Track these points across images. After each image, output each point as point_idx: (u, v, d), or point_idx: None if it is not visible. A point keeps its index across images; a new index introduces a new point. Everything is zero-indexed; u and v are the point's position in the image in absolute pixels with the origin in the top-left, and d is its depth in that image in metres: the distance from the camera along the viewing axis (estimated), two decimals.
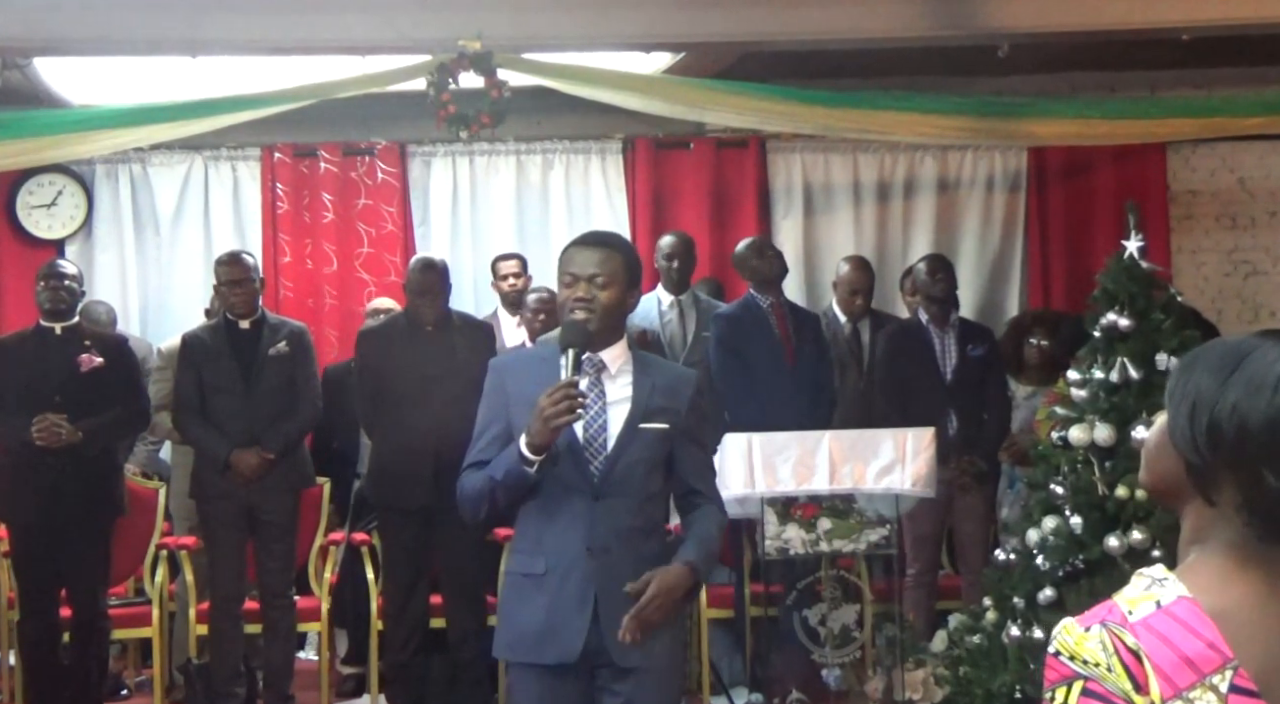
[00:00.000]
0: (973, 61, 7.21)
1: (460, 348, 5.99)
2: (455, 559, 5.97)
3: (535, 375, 3.30)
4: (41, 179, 7.77)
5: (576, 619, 3.22)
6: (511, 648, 3.33)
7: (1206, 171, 8.34)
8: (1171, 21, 6.52)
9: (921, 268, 6.51)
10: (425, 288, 6.02)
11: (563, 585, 3.24)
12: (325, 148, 7.88)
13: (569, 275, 3.31)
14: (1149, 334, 4.38)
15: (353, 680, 6.65)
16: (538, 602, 3.25)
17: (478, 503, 3.29)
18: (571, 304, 3.28)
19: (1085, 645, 1.46)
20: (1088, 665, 1.45)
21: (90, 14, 6.28)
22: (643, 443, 3.29)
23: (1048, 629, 4.24)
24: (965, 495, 6.19)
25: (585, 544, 3.24)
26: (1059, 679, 1.47)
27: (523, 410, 3.24)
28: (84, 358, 5.81)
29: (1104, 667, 1.44)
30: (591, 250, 3.34)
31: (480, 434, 3.35)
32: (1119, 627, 1.45)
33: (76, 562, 5.78)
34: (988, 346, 6.41)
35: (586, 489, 3.25)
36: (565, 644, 3.22)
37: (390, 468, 5.97)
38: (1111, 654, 1.44)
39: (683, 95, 6.97)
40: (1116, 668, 1.44)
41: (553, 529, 3.26)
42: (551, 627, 3.23)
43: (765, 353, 6.33)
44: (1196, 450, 1.50)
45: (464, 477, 3.33)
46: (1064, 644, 1.48)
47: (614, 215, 7.93)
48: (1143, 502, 4.24)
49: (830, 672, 5.73)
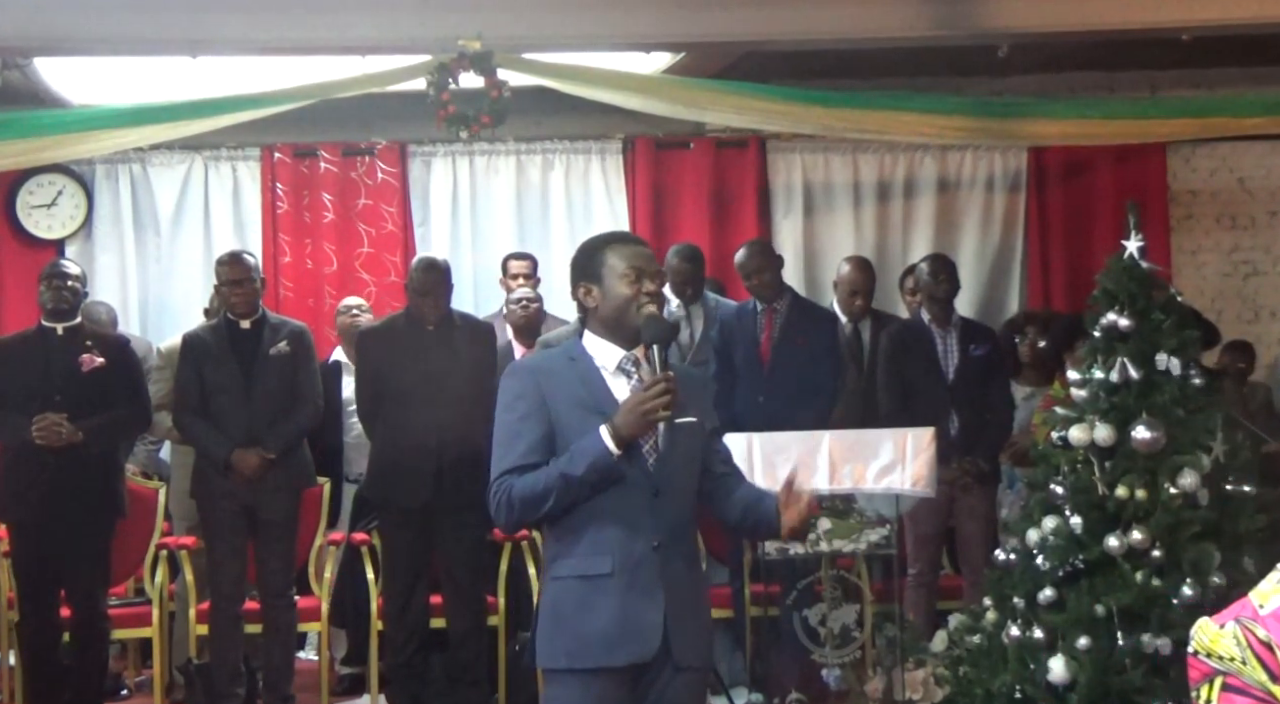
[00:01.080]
0: (973, 61, 7.22)
1: (462, 348, 5.99)
2: (454, 559, 5.97)
3: (574, 375, 3.29)
4: (41, 179, 7.78)
5: (651, 617, 3.19)
6: (574, 654, 3.20)
7: (1206, 171, 8.34)
8: (1171, 21, 6.52)
9: (924, 268, 6.51)
10: (428, 288, 6.02)
11: (632, 584, 3.19)
12: (325, 148, 7.89)
13: (634, 270, 3.28)
14: (1149, 334, 4.37)
15: (352, 680, 6.65)
16: (606, 603, 3.18)
17: (539, 502, 3.19)
18: (643, 299, 3.26)
19: (1221, 642, 1.48)
20: (1224, 661, 1.47)
21: (90, 14, 6.28)
22: (685, 437, 3.30)
23: (1048, 629, 4.25)
24: (967, 495, 6.19)
25: (651, 541, 3.21)
26: (1201, 677, 1.48)
27: (572, 412, 3.22)
28: (85, 358, 5.81)
29: (1239, 660, 1.45)
30: (645, 248, 3.38)
31: (514, 438, 3.24)
32: (1251, 621, 1.47)
33: (76, 562, 5.78)
34: (989, 347, 6.40)
35: (647, 485, 3.23)
36: (642, 643, 3.18)
37: (391, 467, 5.96)
38: (1245, 648, 1.45)
39: (683, 95, 6.97)
40: (1251, 661, 1.45)
41: (616, 528, 3.20)
42: (625, 627, 3.18)
43: (743, 358, 6.36)
44: None
45: (509, 480, 3.22)
46: (1201, 642, 1.50)
47: (614, 215, 7.93)
48: (1143, 502, 4.24)
49: (830, 672, 5.73)
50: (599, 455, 3.14)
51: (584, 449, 3.16)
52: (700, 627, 3.36)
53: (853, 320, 6.87)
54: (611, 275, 3.29)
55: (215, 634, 5.97)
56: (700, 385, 3.47)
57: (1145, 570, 4.15)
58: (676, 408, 3.21)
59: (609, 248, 3.34)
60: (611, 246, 3.34)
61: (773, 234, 7.92)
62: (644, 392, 3.14)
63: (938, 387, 6.26)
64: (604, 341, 3.32)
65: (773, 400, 6.21)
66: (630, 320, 3.28)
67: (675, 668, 3.22)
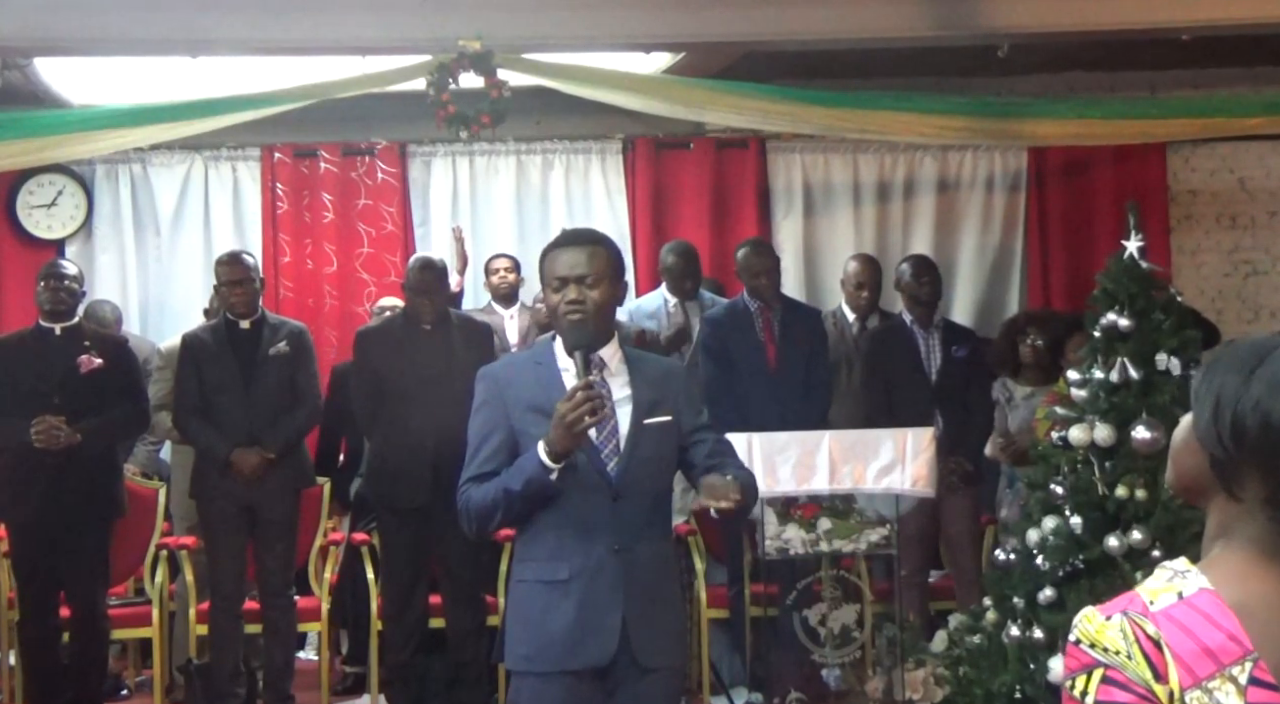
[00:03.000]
0: (973, 61, 7.22)
1: (459, 347, 5.99)
2: (454, 559, 5.97)
3: (534, 379, 3.30)
4: (41, 179, 7.77)
5: (608, 621, 3.20)
6: (532, 658, 3.24)
7: (1206, 171, 8.34)
8: (1171, 21, 6.52)
9: (906, 269, 6.51)
10: (424, 287, 6.02)
11: (590, 589, 3.20)
12: (325, 148, 7.88)
13: (556, 279, 3.28)
14: (1149, 334, 4.38)
15: (352, 680, 6.65)
16: (563, 608, 3.21)
17: (490, 515, 3.24)
18: (564, 308, 3.26)
19: (1106, 634, 1.47)
20: (1108, 654, 1.46)
21: (90, 14, 6.28)
22: (652, 439, 3.28)
23: (1048, 629, 4.25)
24: (952, 496, 6.19)
25: (610, 546, 3.21)
26: (1080, 667, 1.48)
27: (527, 417, 3.23)
28: (84, 359, 5.81)
29: (1124, 654, 1.45)
30: (575, 250, 3.31)
31: (479, 445, 3.29)
32: (1140, 616, 1.46)
33: (75, 562, 5.78)
34: (971, 348, 6.42)
35: (605, 490, 3.23)
36: (599, 647, 3.20)
37: (389, 467, 5.96)
38: (1132, 642, 1.45)
39: (683, 95, 6.97)
40: (1137, 656, 1.45)
41: (573, 533, 3.22)
42: (582, 631, 3.20)
43: (746, 356, 6.35)
44: (1221, 446, 1.52)
45: (469, 490, 3.27)
46: (1085, 632, 1.49)
47: (614, 215, 7.93)
48: (1142, 501, 4.24)
49: (830, 672, 5.73)
50: (534, 471, 3.15)
51: (522, 464, 3.19)
52: (667, 627, 3.34)
53: (860, 317, 6.87)
54: (546, 283, 3.33)
55: (215, 634, 5.97)
56: (675, 379, 3.42)
57: (1145, 570, 4.15)
58: (644, 407, 3.22)
59: (549, 254, 3.35)
60: (551, 253, 3.35)
61: (773, 234, 7.92)
62: (565, 403, 3.11)
63: (921, 387, 6.27)
64: (561, 345, 3.34)
65: (781, 401, 6.21)
66: (560, 327, 3.31)
67: (641, 669, 3.23)
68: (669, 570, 3.42)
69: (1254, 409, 1.49)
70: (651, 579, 3.27)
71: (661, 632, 3.30)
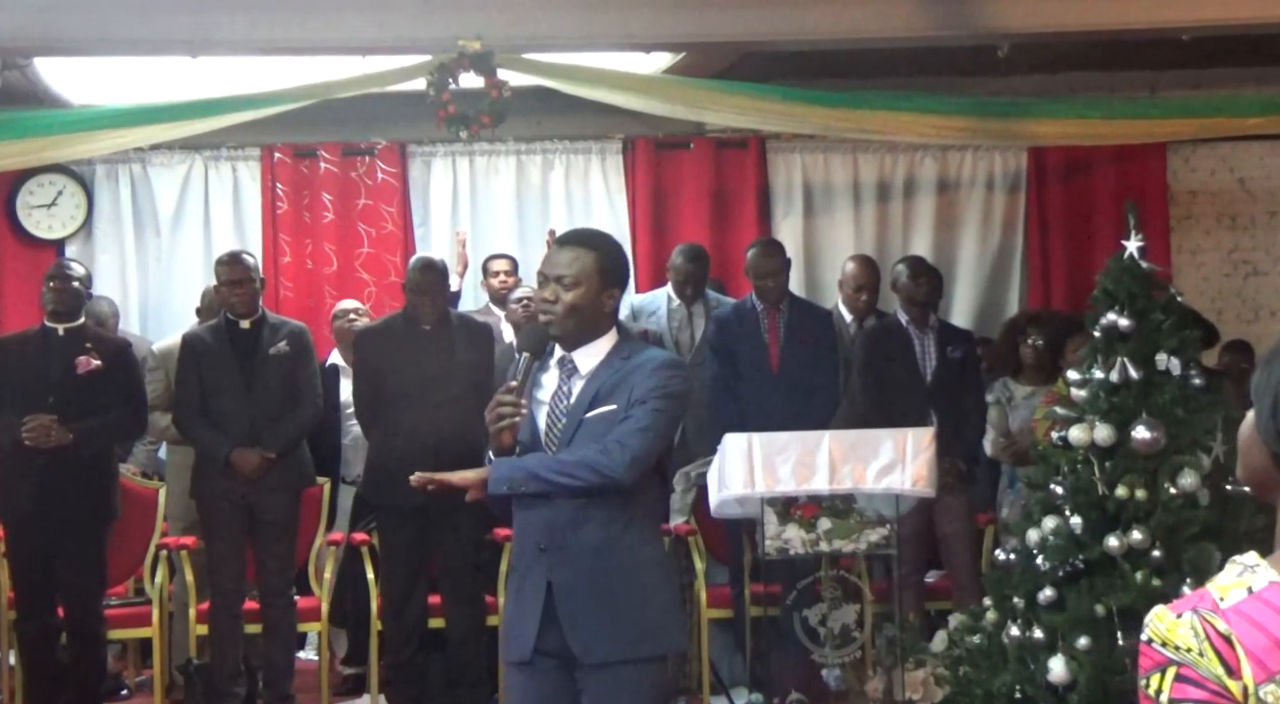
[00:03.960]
0: (973, 61, 7.22)
1: (460, 348, 5.99)
2: (453, 559, 5.97)
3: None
4: (41, 179, 7.77)
5: (530, 616, 3.24)
6: (501, 647, 3.48)
7: (1206, 171, 8.34)
8: (1171, 21, 6.52)
9: (903, 270, 6.50)
10: (425, 287, 6.02)
11: (523, 583, 3.29)
12: (325, 148, 7.89)
13: (540, 275, 3.35)
14: (1149, 334, 4.37)
15: (353, 680, 6.65)
16: (509, 602, 3.40)
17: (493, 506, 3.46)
18: (537, 305, 3.34)
19: (1177, 631, 1.47)
20: (1180, 651, 1.46)
21: (90, 14, 6.28)
22: (589, 432, 3.24)
23: (1048, 629, 4.25)
24: (947, 496, 6.19)
25: (536, 543, 3.27)
26: (1153, 666, 1.48)
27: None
28: (82, 360, 5.80)
29: (1196, 652, 1.46)
30: (564, 250, 3.32)
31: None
32: (1210, 613, 1.47)
33: (70, 565, 5.77)
34: (966, 349, 6.42)
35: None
36: (521, 642, 3.27)
37: (388, 467, 5.95)
38: (1203, 639, 1.45)
39: (683, 95, 6.97)
40: (1208, 653, 1.45)
41: (518, 531, 3.35)
42: (512, 626, 3.34)
43: (750, 357, 6.35)
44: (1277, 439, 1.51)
45: None
46: (1156, 631, 1.49)
47: (614, 215, 7.93)
48: (1142, 502, 4.24)
49: (830, 672, 5.73)
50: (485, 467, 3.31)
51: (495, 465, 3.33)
52: (614, 621, 3.23)
53: (858, 318, 6.87)
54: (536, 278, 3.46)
55: (215, 634, 5.97)
56: (646, 364, 3.28)
57: (1145, 570, 4.16)
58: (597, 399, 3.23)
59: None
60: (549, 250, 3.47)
61: (773, 234, 7.90)
62: (488, 408, 3.24)
63: (917, 388, 6.27)
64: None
65: (783, 402, 6.21)
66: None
67: (592, 665, 3.22)
68: (629, 562, 3.26)
69: None
70: (591, 575, 3.21)
71: (607, 625, 3.22)
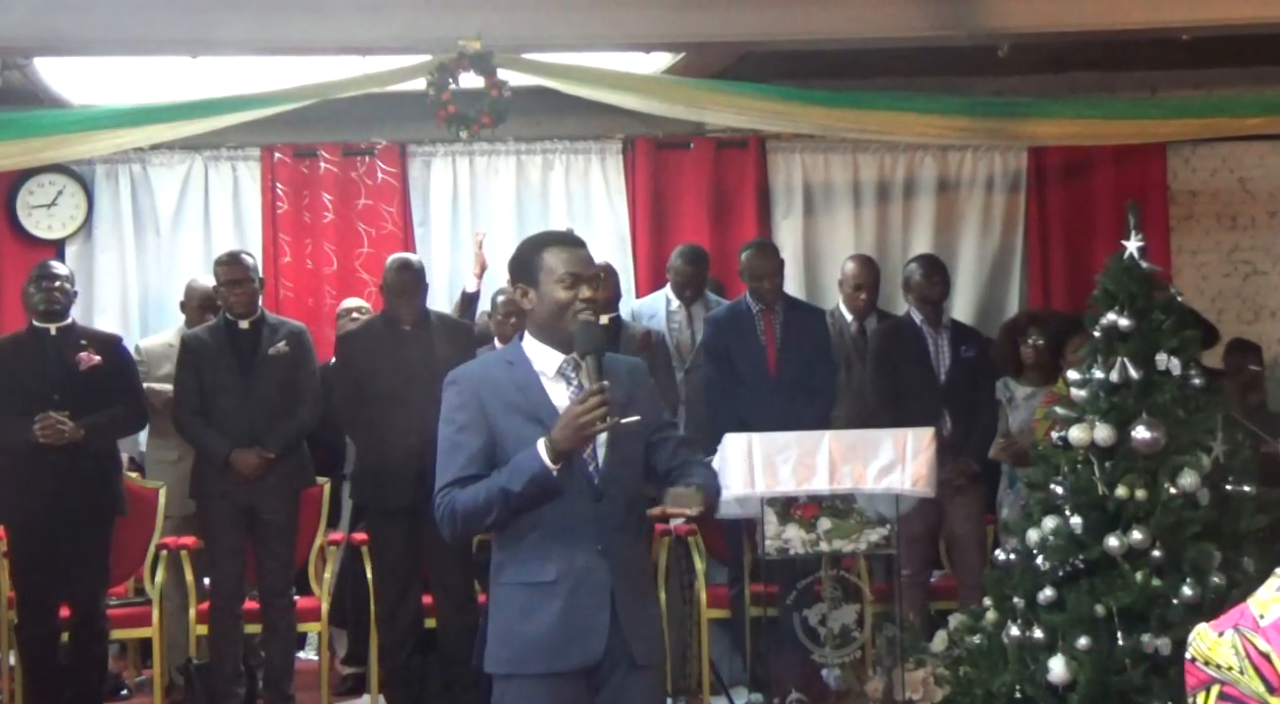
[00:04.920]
0: (973, 61, 7.21)
1: (440, 347, 5.99)
2: (444, 559, 5.97)
3: (510, 380, 3.26)
4: (41, 179, 7.77)
5: (598, 620, 3.19)
6: (517, 661, 3.21)
7: (1206, 171, 8.33)
8: (1171, 21, 6.52)
9: (916, 269, 6.51)
10: (402, 288, 6.03)
11: (577, 589, 3.19)
12: (325, 148, 7.88)
13: (569, 276, 3.23)
14: (1149, 334, 4.38)
15: (353, 680, 6.65)
16: (549, 609, 3.19)
17: (480, 517, 3.19)
18: (578, 306, 3.23)
19: (1219, 650, 1.47)
20: (1222, 670, 1.46)
21: (90, 14, 6.28)
22: (627, 439, 3.26)
23: (1048, 629, 4.25)
24: (958, 497, 6.19)
25: (596, 546, 3.20)
26: (1198, 684, 1.48)
27: (507, 419, 3.21)
28: (83, 356, 5.82)
29: (1237, 670, 1.45)
30: (583, 250, 3.31)
31: (454, 450, 3.24)
32: (1251, 631, 1.46)
33: (76, 562, 5.78)
34: (978, 349, 6.42)
35: (589, 492, 3.22)
36: (588, 647, 3.19)
37: (374, 469, 5.97)
38: (1244, 658, 1.45)
39: (683, 95, 6.96)
40: (1249, 671, 1.45)
41: (559, 535, 3.20)
42: (569, 632, 3.19)
43: (747, 358, 6.35)
44: None
45: (454, 493, 3.20)
46: (1199, 650, 1.49)
47: (614, 215, 7.93)
48: (1142, 502, 4.24)
49: (830, 672, 5.73)
50: (537, 471, 3.13)
51: (522, 465, 3.14)
52: (652, 625, 3.37)
53: (858, 318, 6.87)
54: (548, 279, 3.25)
55: (215, 634, 5.97)
56: (642, 377, 3.41)
57: (1145, 570, 4.16)
58: (617, 408, 3.17)
59: (547, 249, 3.29)
60: (550, 248, 3.29)
61: (773, 234, 7.91)
62: (579, 405, 3.11)
63: (930, 387, 6.27)
64: (541, 345, 3.29)
65: (781, 402, 6.21)
66: (565, 326, 3.25)
67: (632, 666, 3.23)
68: (648, 570, 3.47)
69: None
70: (636, 578, 3.28)
71: (650, 630, 3.33)
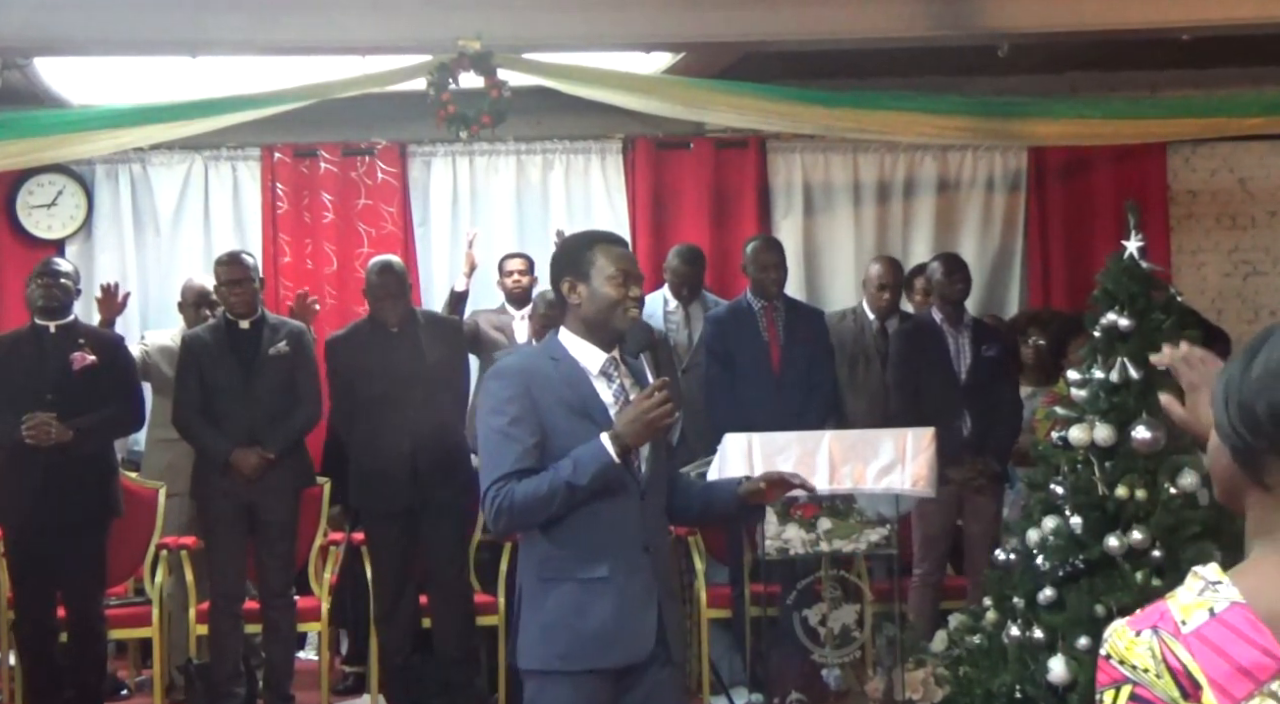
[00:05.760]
0: (973, 61, 7.22)
1: (429, 347, 5.99)
2: (439, 559, 5.97)
3: (559, 375, 3.27)
4: (41, 179, 7.77)
5: (646, 618, 3.24)
6: (567, 656, 3.21)
7: (1206, 171, 8.33)
8: (1171, 21, 6.52)
9: (937, 268, 6.50)
10: (385, 291, 6.03)
11: (627, 586, 3.22)
12: (325, 148, 7.88)
13: (620, 273, 3.28)
14: (1149, 334, 4.38)
15: (353, 680, 6.65)
16: (602, 605, 3.20)
17: (540, 511, 3.18)
18: (629, 304, 3.28)
19: (1135, 650, 1.46)
20: (1136, 671, 1.45)
21: (90, 14, 6.28)
22: (662, 439, 3.35)
23: (1048, 629, 4.25)
24: (977, 496, 6.19)
25: (643, 544, 3.25)
26: (1109, 682, 1.47)
27: (558, 413, 3.21)
28: (77, 356, 5.80)
29: (1153, 673, 1.44)
30: (630, 251, 3.42)
31: (508, 443, 3.19)
32: (1171, 638, 1.45)
33: (71, 563, 5.77)
34: (1000, 347, 6.41)
35: (635, 489, 3.25)
36: (638, 643, 3.23)
37: (369, 471, 5.98)
38: (1159, 662, 1.44)
39: (683, 95, 6.96)
40: (1165, 675, 1.44)
41: (609, 531, 3.22)
42: (621, 628, 3.21)
43: (750, 357, 6.35)
44: (1238, 435, 1.51)
45: (509, 486, 3.17)
46: (1114, 647, 1.48)
47: (614, 215, 7.93)
48: (1142, 502, 4.24)
49: (830, 672, 5.73)
50: (604, 465, 3.14)
51: (587, 459, 3.15)
52: (682, 624, 3.50)
53: (881, 318, 6.88)
54: (599, 275, 3.28)
55: (215, 634, 5.97)
56: (642, 379, 3.44)
57: (1145, 570, 4.16)
58: (679, 403, 3.26)
59: (598, 246, 3.33)
60: (601, 246, 3.34)
61: (773, 234, 7.90)
62: (647, 400, 3.14)
63: (950, 386, 6.26)
64: (584, 342, 3.31)
65: (784, 400, 6.21)
66: (615, 323, 3.28)
67: (665, 663, 3.28)
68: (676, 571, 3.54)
69: (1257, 392, 1.50)
70: (670, 578, 3.38)
71: (682, 628, 3.47)
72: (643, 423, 3.13)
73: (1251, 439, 1.50)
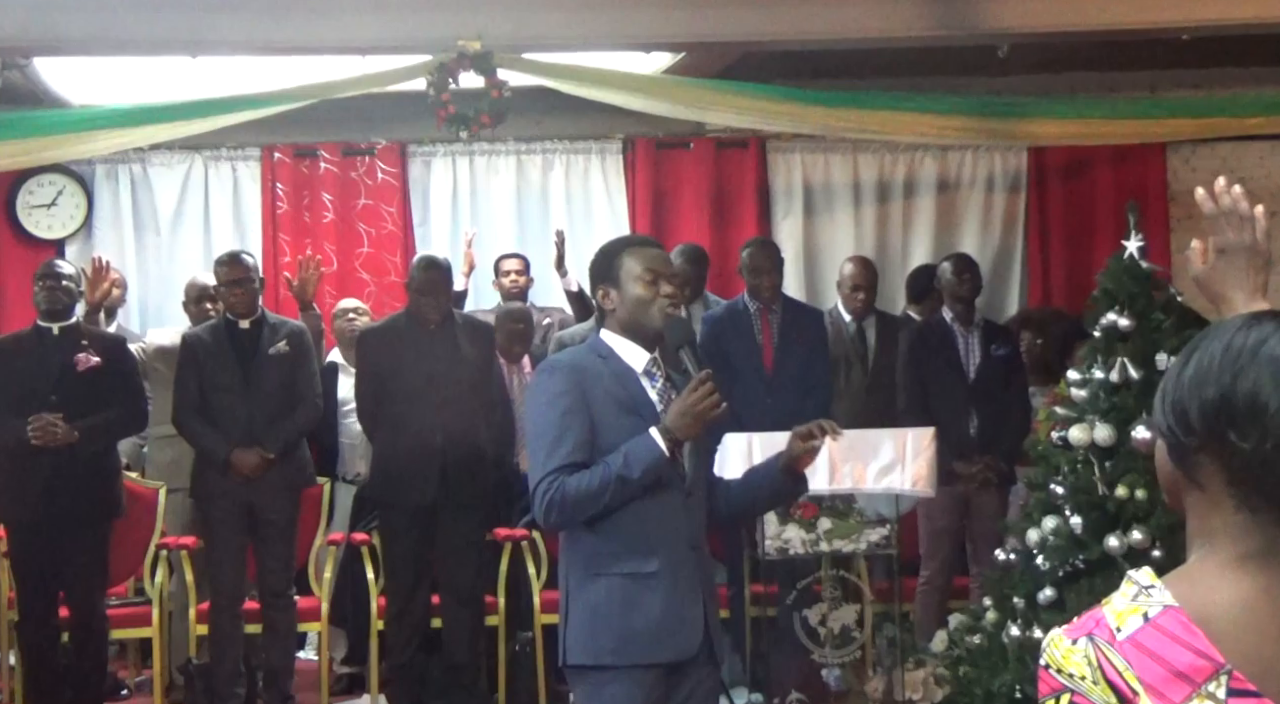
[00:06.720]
0: (973, 61, 7.22)
1: (463, 347, 6.00)
2: (454, 559, 5.97)
3: (608, 372, 3.30)
4: (41, 179, 7.77)
5: (695, 614, 3.26)
6: (619, 651, 3.21)
7: (1206, 171, 8.32)
8: (1171, 21, 6.52)
9: (948, 267, 6.50)
10: (429, 287, 6.03)
11: (675, 582, 3.24)
12: (325, 148, 7.88)
13: (650, 273, 3.32)
14: (1149, 334, 4.38)
15: (352, 680, 6.64)
16: (651, 601, 3.22)
17: (591, 504, 3.18)
18: (661, 302, 3.30)
19: (1071, 659, 1.47)
20: (1074, 679, 1.46)
21: (90, 14, 6.28)
22: (704, 441, 3.37)
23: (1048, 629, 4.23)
24: (984, 495, 6.19)
25: (689, 540, 3.28)
26: (1049, 692, 1.48)
27: (608, 409, 3.24)
28: (80, 357, 5.80)
29: (1090, 680, 1.45)
30: (661, 250, 3.46)
31: (562, 435, 3.21)
32: (1107, 645, 1.45)
33: (74, 563, 5.77)
34: (1010, 347, 6.41)
35: (680, 486, 3.28)
36: (687, 639, 3.25)
37: (395, 467, 5.96)
38: (1096, 669, 1.45)
39: (683, 95, 6.97)
40: (1101, 682, 1.44)
41: (657, 527, 3.24)
42: (669, 624, 3.23)
43: (743, 357, 6.35)
44: (1173, 433, 1.52)
45: (561, 479, 3.18)
46: (1052, 657, 1.49)
47: (614, 215, 7.93)
48: (1143, 502, 4.24)
49: (830, 672, 5.73)
50: (656, 458, 3.17)
51: (639, 452, 3.17)
52: (721, 622, 3.49)
53: (856, 318, 6.88)
54: (628, 278, 3.33)
55: (215, 634, 5.97)
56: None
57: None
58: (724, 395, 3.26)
59: (626, 251, 3.38)
60: (629, 249, 3.38)
61: (773, 234, 7.91)
62: (694, 393, 3.17)
63: (958, 386, 6.26)
64: (627, 342, 3.35)
65: (777, 401, 6.21)
66: (648, 322, 3.32)
67: (708, 659, 3.31)
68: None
69: (1190, 391, 1.51)
70: (711, 575, 3.39)
71: (720, 626, 3.45)
72: (692, 415, 3.16)
73: (1184, 437, 1.51)
